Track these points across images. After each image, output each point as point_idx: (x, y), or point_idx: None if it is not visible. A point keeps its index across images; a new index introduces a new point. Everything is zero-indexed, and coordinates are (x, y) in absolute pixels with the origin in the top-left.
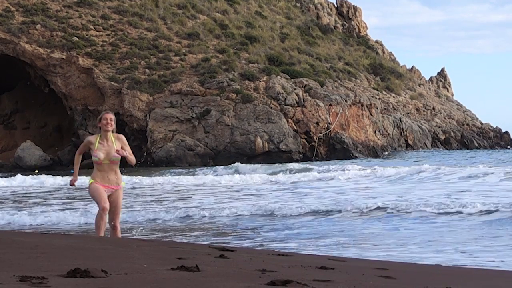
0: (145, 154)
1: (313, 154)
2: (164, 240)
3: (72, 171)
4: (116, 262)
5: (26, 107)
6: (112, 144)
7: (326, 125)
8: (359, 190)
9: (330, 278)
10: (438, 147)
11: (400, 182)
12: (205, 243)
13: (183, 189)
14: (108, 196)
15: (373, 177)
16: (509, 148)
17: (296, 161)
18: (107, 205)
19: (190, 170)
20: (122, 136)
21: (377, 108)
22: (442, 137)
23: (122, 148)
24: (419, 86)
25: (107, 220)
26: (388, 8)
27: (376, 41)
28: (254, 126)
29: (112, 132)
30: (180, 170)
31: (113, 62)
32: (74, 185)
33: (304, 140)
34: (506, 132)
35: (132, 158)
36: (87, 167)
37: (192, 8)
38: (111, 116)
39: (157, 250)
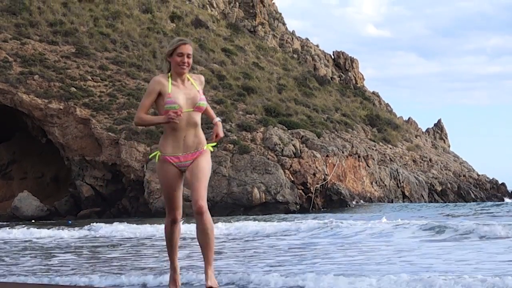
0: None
1: (310, 205)
2: None
3: (69, 221)
4: None
5: (24, 158)
6: (191, 86)
7: (323, 176)
8: None
9: None
10: (435, 199)
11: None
12: None
13: None
14: (185, 171)
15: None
16: (503, 201)
17: (293, 212)
18: (178, 213)
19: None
20: (203, 79)
21: (374, 159)
22: (439, 188)
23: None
24: (416, 137)
25: (179, 232)
26: (384, 59)
27: (373, 92)
28: (251, 177)
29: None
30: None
31: (110, 113)
32: (179, 115)
33: (301, 191)
34: (503, 184)
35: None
36: (86, 217)
37: None
38: (189, 50)
39: None
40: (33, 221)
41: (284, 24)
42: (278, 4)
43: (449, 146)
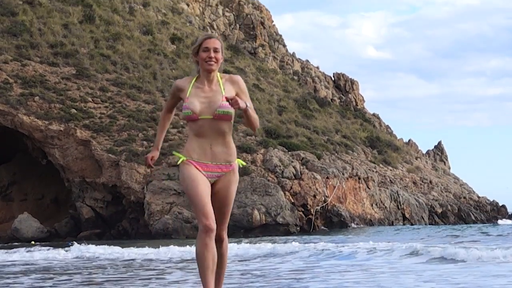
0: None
1: (310, 227)
2: None
3: (69, 243)
4: None
5: (24, 179)
6: (218, 88)
7: (323, 198)
8: None
9: None
10: (435, 221)
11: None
12: None
13: None
14: (212, 185)
15: None
16: (498, 222)
17: (293, 234)
18: (212, 221)
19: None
20: (238, 78)
21: (374, 181)
22: (439, 210)
23: (237, 95)
24: (416, 159)
25: (214, 253)
26: (384, 81)
27: (373, 114)
28: (252, 199)
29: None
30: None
31: (110, 134)
32: (151, 165)
33: (301, 213)
34: (503, 206)
35: (254, 115)
36: (86, 239)
37: None
38: (216, 44)
39: None
40: (32, 242)
41: (284, 46)
42: (278, 26)
43: (449, 168)
